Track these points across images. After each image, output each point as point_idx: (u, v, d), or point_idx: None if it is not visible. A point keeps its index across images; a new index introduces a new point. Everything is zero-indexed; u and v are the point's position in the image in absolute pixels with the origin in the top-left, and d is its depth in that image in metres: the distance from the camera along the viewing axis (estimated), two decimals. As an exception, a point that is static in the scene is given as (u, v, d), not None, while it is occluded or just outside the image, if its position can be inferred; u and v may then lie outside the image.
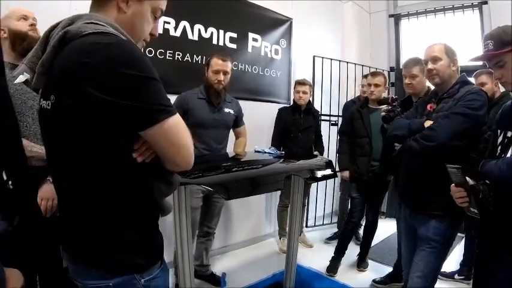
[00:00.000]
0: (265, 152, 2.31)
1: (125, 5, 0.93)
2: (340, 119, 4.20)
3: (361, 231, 3.61)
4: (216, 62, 2.49)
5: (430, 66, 1.85)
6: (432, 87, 2.09)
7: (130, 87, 0.79)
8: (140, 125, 0.83)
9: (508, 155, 1.32)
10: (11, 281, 0.58)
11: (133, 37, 0.94)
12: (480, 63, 3.81)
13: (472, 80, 2.46)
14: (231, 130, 2.72)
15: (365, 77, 3.74)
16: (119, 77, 0.78)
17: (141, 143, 0.88)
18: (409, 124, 1.89)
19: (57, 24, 0.90)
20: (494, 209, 1.32)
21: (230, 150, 2.67)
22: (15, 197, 0.76)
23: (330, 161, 2.29)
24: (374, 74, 3.03)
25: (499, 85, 2.63)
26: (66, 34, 0.82)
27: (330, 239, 3.97)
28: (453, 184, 1.45)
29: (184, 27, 2.97)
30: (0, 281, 0.55)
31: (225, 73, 2.50)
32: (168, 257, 2.53)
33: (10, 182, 0.75)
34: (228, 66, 2.52)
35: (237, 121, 2.71)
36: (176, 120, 0.87)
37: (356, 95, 4.18)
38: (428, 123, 1.80)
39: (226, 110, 2.60)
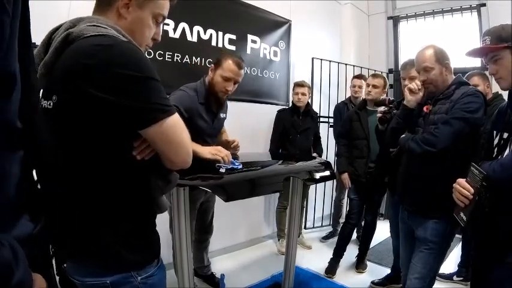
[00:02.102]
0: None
1: (125, 11, 0.95)
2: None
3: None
4: (230, 68, 2.08)
5: (422, 77, 1.85)
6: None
7: (130, 88, 0.82)
8: (139, 124, 0.86)
9: (505, 156, 1.33)
10: (36, 286, 0.58)
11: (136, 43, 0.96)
12: (478, 64, 3.85)
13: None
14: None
15: (356, 77, 3.78)
16: (118, 78, 0.80)
17: (140, 141, 0.91)
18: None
19: (59, 26, 0.92)
20: (490, 210, 1.32)
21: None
22: (42, 198, 0.78)
23: (329, 163, 2.29)
24: (374, 75, 3.05)
25: (491, 87, 2.65)
26: (69, 36, 0.85)
27: (325, 238, 4.00)
28: (466, 180, 1.40)
29: (184, 28, 2.98)
30: (28, 286, 0.56)
31: (236, 83, 2.14)
32: (167, 258, 2.53)
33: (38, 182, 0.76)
34: (242, 74, 2.15)
35: None
36: (174, 120, 0.90)
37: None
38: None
39: (222, 115, 2.33)
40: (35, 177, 0.73)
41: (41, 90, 0.92)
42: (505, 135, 1.36)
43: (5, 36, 0.50)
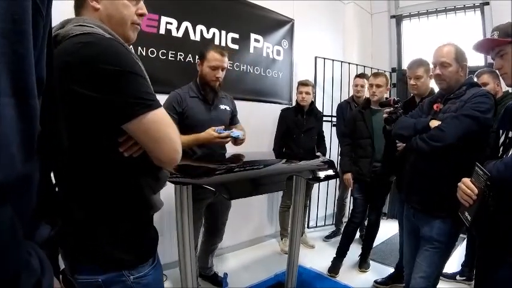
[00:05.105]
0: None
1: (96, 3, 0.96)
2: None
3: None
4: (214, 57, 2.23)
5: (438, 71, 1.83)
6: (436, 88, 2.08)
7: (108, 82, 0.82)
8: (119, 119, 0.85)
9: (509, 155, 1.32)
10: None
11: (118, 27, 0.99)
12: (481, 63, 3.84)
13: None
14: None
15: (358, 76, 3.77)
16: (97, 73, 0.81)
17: (126, 136, 0.90)
18: (415, 124, 1.88)
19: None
20: (494, 209, 1.31)
21: (236, 149, 2.63)
22: (60, 200, 0.78)
23: (332, 162, 2.29)
24: (376, 75, 3.03)
25: (501, 85, 2.63)
26: (57, 37, 0.86)
27: (328, 237, 4.00)
28: (470, 179, 1.40)
29: (187, 27, 2.98)
30: None
31: (223, 69, 2.29)
32: (171, 257, 2.54)
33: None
34: (226, 61, 2.30)
35: (232, 119, 2.52)
36: (158, 114, 0.89)
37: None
38: (434, 123, 1.79)
39: (222, 106, 2.41)
40: (53, 180, 0.73)
41: None
42: (511, 133, 1.35)
43: (38, 40, 0.50)
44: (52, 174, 0.78)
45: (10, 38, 0.43)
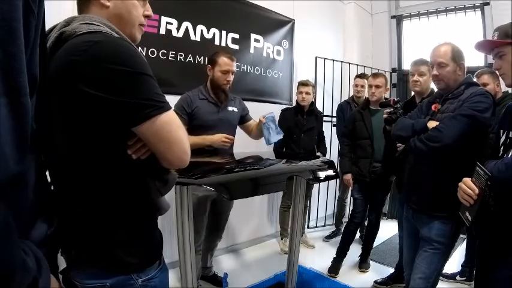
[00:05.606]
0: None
1: (105, 0, 0.92)
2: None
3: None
4: (225, 62, 2.37)
5: (435, 71, 1.83)
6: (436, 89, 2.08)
7: (120, 83, 0.79)
8: (131, 121, 0.83)
9: (510, 155, 1.32)
10: None
11: (126, 27, 0.96)
12: (481, 63, 3.84)
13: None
14: (239, 128, 2.63)
15: (358, 76, 3.78)
16: (107, 73, 0.78)
17: (135, 139, 0.88)
18: (413, 124, 1.88)
19: (54, 26, 0.90)
20: (494, 209, 1.31)
21: (237, 149, 2.64)
22: (56, 199, 0.77)
23: (332, 162, 2.28)
24: (375, 75, 3.03)
25: (501, 86, 2.63)
26: (62, 35, 0.83)
27: (328, 237, 4.00)
28: (471, 179, 1.40)
29: (187, 27, 2.98)
30: None
31: (232, 73, 2.41)
32: (171, 257, 2.54)
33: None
34: (235, 65, 2.44)
35: (244, 117, 2.62)
36: (169, 117, 0.87)
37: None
38: (432, 124, 1.79)
39: (230, 108, 2.49)
40: (48, 178, 0.72)
41: None
42: (511, 134, 1.35)
43: (30, 39, 0.50)
44: (48, 173, 0.78)
45: (0, 37, 0.44)
